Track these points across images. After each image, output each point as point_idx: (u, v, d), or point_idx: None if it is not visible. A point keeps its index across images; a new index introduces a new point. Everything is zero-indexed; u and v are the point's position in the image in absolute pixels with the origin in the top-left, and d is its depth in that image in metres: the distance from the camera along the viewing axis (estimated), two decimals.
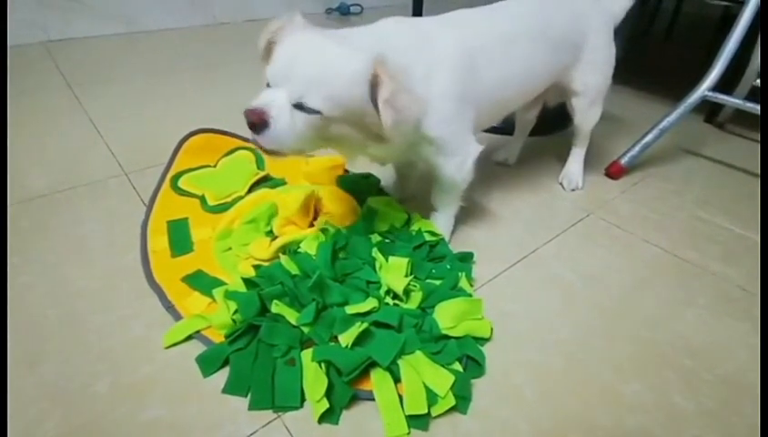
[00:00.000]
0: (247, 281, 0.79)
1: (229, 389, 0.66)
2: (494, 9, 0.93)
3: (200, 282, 0.83)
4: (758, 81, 1.50)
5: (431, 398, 0.66)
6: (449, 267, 0.88)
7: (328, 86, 0.66)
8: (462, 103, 0.82)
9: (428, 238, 0.92)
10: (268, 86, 0.69)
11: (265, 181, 1.11)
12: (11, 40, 1.89)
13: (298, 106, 0.67)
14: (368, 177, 1.10)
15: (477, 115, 0.86)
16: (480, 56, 0.83)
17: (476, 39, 0.84)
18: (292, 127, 0.67)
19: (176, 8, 2.35)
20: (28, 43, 1.99)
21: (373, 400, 0.66)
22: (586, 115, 1.12)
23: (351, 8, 2.88)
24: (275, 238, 0.90)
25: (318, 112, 0.67)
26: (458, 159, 0.87)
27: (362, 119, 0.70)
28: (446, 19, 0.86)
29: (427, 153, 0.85)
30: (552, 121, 1.37)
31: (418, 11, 1.79)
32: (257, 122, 0.66)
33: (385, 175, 1.10)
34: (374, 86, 0.67)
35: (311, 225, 0.95)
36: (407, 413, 0.63)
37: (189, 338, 0.73)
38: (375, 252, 0.86)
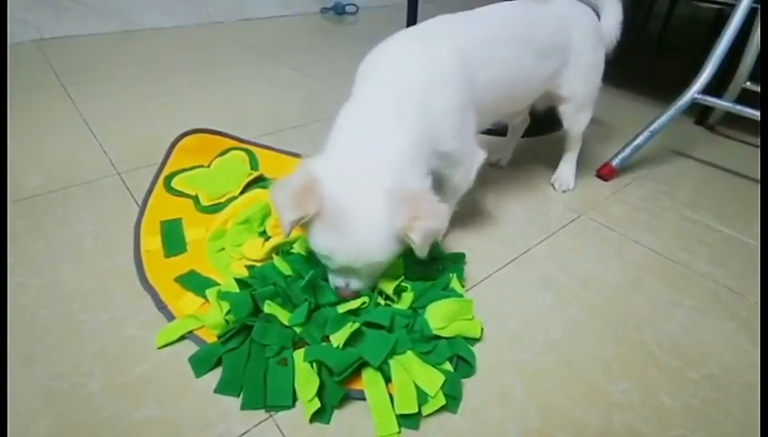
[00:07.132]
0: (240, 282, 0.79)
1: (222, 388, 0.67)
2: (479, 14, 0.93)
3: (193, 283, 0.83)
4: (749, 83, 1.52)
5: (422, 397, 0.66)
6: (440, 267, 0.88)
7: (376, 265, 0.74)
8: (466, 113, 0.83)
9: None
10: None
11: (258, 182, 1.11)
12: None
13: None
14: None
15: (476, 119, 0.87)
16: (473, 62, 0.83)
17: (468, 46, 0.85)
18: None
19: (170, 7, 2.35)
20: (21, 41, 1.98)
21: (364, 399, 0.66)
22: (575, 120, 1.13)
23: (347, 8, 2.88)
24: (268, 238, 0.91)
25: None
26: (465, 167, 0.87)
27: None
28: (435, 31, 0.86)
29: (437, 166, 0.83)
30: (545, 122, 1.38)
31: (413, 11, 1.80)
32: None
33: None
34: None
35: None
36: (397, 413, 0.64)
37: (182, 338, 0.74)
38: None
